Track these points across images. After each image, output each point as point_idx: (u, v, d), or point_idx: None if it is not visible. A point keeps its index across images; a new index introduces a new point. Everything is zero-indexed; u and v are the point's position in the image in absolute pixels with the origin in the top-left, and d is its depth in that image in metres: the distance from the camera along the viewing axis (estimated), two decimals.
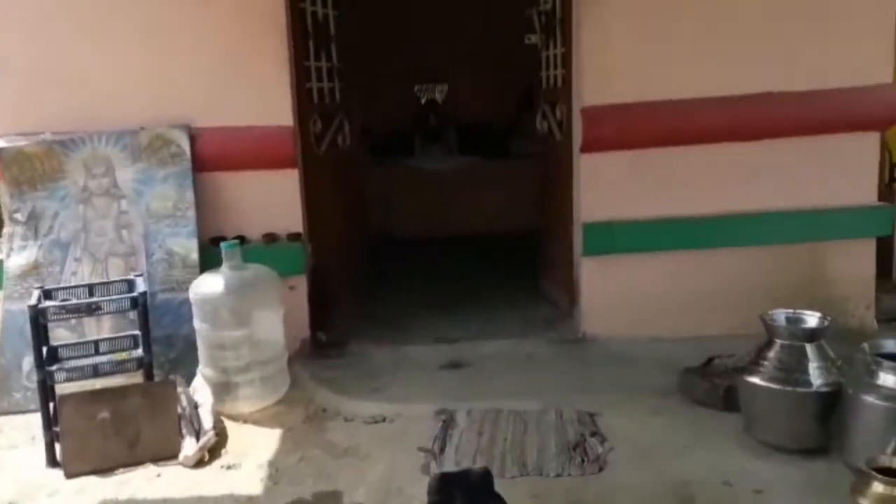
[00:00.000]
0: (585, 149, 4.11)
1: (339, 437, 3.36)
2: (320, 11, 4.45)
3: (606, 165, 4.12)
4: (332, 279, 4.42)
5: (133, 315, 3.41)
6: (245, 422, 3.52)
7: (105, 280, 3.66)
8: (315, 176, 4.27)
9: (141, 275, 3.50)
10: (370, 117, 6.23)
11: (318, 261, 4.28)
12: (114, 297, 3.28)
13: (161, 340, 3.75)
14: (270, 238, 4.07)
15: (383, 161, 6.84)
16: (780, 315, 3.13)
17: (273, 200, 4.08)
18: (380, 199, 6.28)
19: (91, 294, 3.37)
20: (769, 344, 3.08)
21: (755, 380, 3.02)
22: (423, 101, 7.43)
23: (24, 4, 3.94)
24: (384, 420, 3.49)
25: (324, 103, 4.47)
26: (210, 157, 3.97)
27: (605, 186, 4.13)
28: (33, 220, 3.88)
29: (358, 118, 5.21)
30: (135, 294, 3.28)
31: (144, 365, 3.31)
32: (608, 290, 4.21)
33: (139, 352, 3.32)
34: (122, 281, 3.47)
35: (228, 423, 3.48)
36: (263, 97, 4.00)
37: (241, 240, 3.90)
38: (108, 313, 3.36)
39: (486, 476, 1.61)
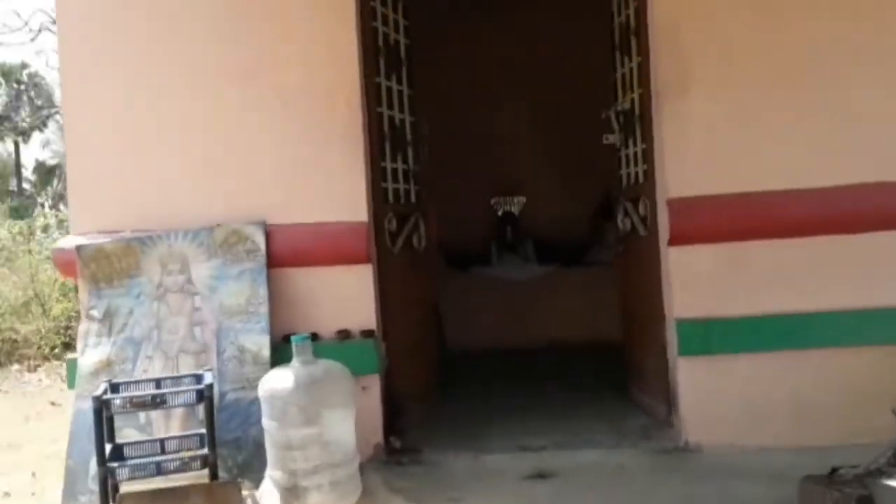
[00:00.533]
0: (674, 241, 3.89)
1: None
2: (397, 117, 4.47)
3: (697, 259, 3.89)
4: (407, 382, 4.21)
5: (202, 414, 3.25)
6: None
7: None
8: (389, 274, 4.16)
9: (210, 369, 3.37)
10: (446, 230, 6.19)
11: (392, 362, 4.10)
12: (179, 388, 3.13)
13: (230, 443, 3.57)
14: (343, 335, 3.93)
15: (458, 273, 6.73)
16: None
17: (347, 296, 3.96)
18: (455, 311, 6.11)
19: (158, 387, 3.25)
20: None
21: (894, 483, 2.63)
22: (499, 213, 7.37)
23: (108, 101, 4.05)
24: None
25: (399, 203, 4.41)
26: (284, 253, 3.91)
27: (697, 281, 3.89)
28: (108, 317, 3.84)
29: (434, 224, 5.14)
30: (201, 386, 3.13)
31: (209, 464, 3.12)
32: (709, 395, 3.87)
33: (204, 450, 3.14)
34: (190, 375, 3.35)
35: None
36: (338, 194, 3.96)
37: (314, 336, 3.76)
38: (173, 406, 3.23)
39: None
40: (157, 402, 3.14)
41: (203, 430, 3.22)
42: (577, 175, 6.78)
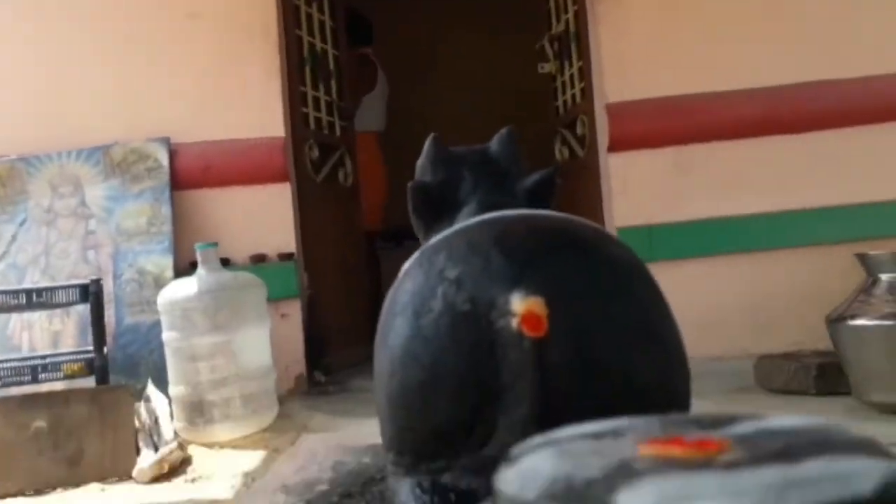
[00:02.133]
0: (613, 147, 3.65)
1: None
2: (318, 45, 4.18)
3: (638, 165, 3.65)
4: (334, 316, 3.82)
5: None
6: (221, 447, 2.81)
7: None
8: (311, 199, 3.81)
9: (98, 279, 2.93)
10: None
11: (315, 292, 3.72)
12: (61, 284, 2.71)
13: (128, 369, 3.15)
14: (259, 259, 3.54)
15: (392, 248, 6.37)
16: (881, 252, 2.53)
17: (262, 219, 3.59)
18: (388, 283, 5.73)
19: (39, 294, 2.81)
20: (872, 284, 2.45)
21: (862, 322, 2.36)
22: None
23: None
24: None
25: (322, 132, 4.09)
26: (191, 172, 3.54)
27: (639, 189, 3.64)
28: None
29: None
30: (85, 282, 2.71)
31: (96, 369, 2.68)
32: None
33: (90, 354, 2.71)
34: (74, 285, 2.90)
35: (199, 451, 2.78)
36: (251, 109, 3.63)
37: (225, 262, 3.37)
38: (55, 306, 2.79)
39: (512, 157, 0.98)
40: (34, 302, 2.70)
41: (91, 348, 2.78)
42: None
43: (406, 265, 0.75)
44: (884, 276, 2.42)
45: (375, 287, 4.77)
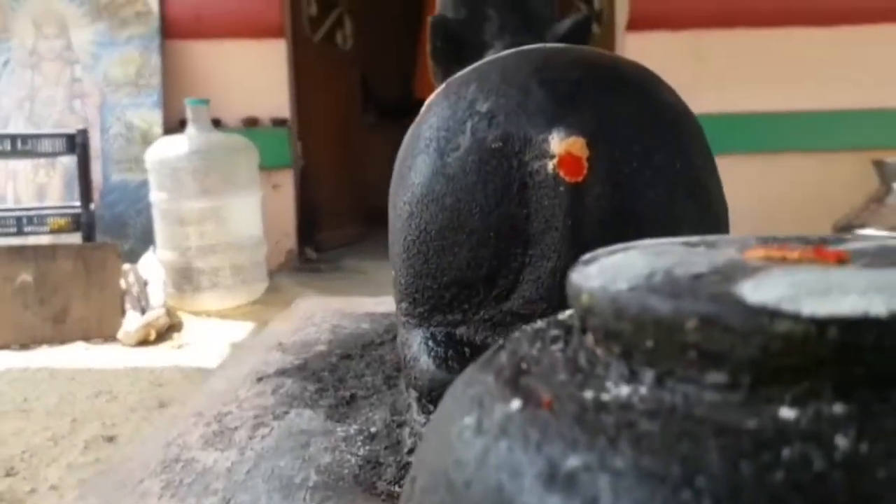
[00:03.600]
0: (633, 26, 3.46)
1: None
2: None
3: (656, 48, 3.46)
4: (327, 192, 3.73)
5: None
6: (209, 316, 2.79)
7: None
8: (308, 61, 3.63)
9: (85, 129, 2.79)
10: (379, 79, 5.65)
11: (308, 163, 3.60)
12: (45, 133, 2.58)
13: (114, 229, 3.07)
14: (251, 122, 3.40)
15: (391, 125, 6.19)
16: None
17: (255, 78, 3.42)
18: (381, 167, 5.57)
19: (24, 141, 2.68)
20: (886, 193, 2.38)
21: (870, 231, 2.29)
22: None
23: None
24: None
25: None
26: (183, 19, 3.33)
27: (656, 72, 3.46)
28: None
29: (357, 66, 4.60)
30: (71, 132, 2.58)
31: (83, 225, 2.60)
32: None
33: (77, 208, 2.62)
34: (60, 134, 2.76)
35: (187, 318, 2.75)
36: None
37: (216, 123, 3.22)
38: (39, 155, 2.67)
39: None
40: (18, 150, 2.57)
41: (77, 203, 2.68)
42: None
43: (430, 99, 0.65)
44: None
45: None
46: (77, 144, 2.56)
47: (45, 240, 2.65)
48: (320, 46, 3.80)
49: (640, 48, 3.47)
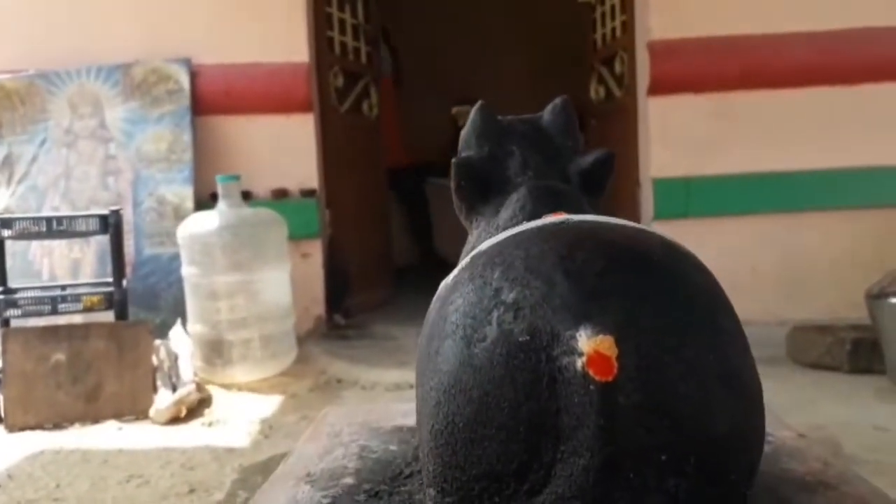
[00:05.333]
0: (654, 90, 3.48)
1: (353, 402, 2.63)
2: None
3: (679, 111, 3.49)
4: (356, 257, 3.75)
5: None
6: (239, 390, 2.80)
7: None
8: (335, 132, 3.69)
9: (118, 209, 2.84)
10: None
11: (337, 231, 3.64)
12: (80, 214, 2.65)
13: (146, 302, 3.12)
14: (280, 194, 3.46)
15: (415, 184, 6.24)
16: None
17: (284, 150, 3.48)
18: (408, 225, 5.60)
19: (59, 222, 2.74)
20: None
21: None
22: (460, 124, 6.86)
23: None
24: (412, 388, 2.74)
25: (347, 59, 3.93)
26: (213, 96, 3.42)
27: (678, 136, 3.48)
28: (8, 165, 3.32)
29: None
30: (105, 212, 2.64)
31: (115, 303, 2.64)
32: None
33: (110, 287, 2.66)
34: (94, 215, 2.81)
35: (217, 391, 2.77)
36: (275, 31, 3.48)
37: (246, 195, 3.28)
38: (74, 235, 2.73)
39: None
40: (54, 231, 2.63)
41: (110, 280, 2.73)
42: (543, 77, 6.33)
43: (453, 274, 0.66)
44: None
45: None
46: (110, 224, 2.62)
47: (78, 318, 2.70)
48: (347, 117, 3.87)
49: (663, 111, 3.50)
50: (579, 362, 0.51)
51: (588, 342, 0.51)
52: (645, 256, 0.59)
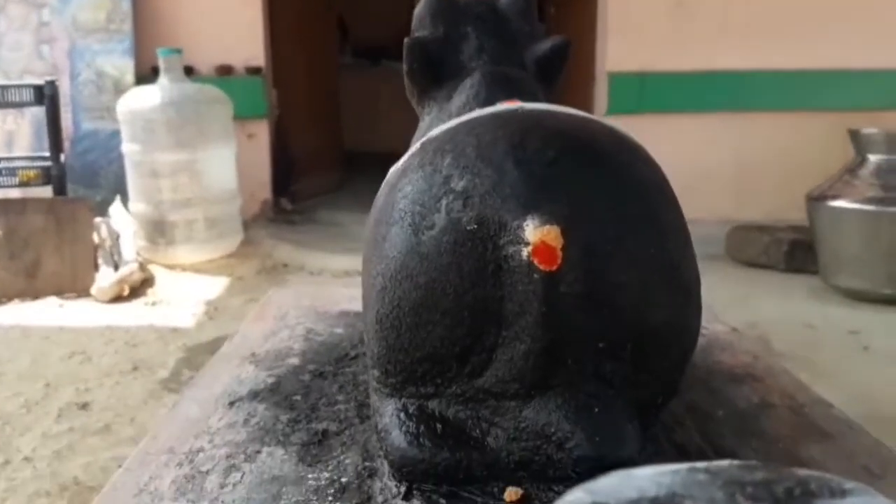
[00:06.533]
0: None
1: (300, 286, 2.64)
2: None
3: (640, 2, 3.42)
4: (303, 140, 3.68)
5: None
6: (183, 270, 2.78)
7: None
8: (283, 8, 3.53)
9: (54, 80, 2.71)
10: (354, 18, 5.53)
11: (284, 113, 3.55)
12: (13, 83, 2.52)
13: (85, 179, 3.03)
14: (225, 70, 3.33)
15: (367, 66, 6.07)
16: (874, 130, 2.44)
17: (230, 23, 3.33)
18: (359, 108, 5.48)
19: None
20: (860, 164, 2.39)
21: (842, 203, 2.32)
22: (415, 3, 6.63)
23: None
24: (359, 274, 2.75)
25: None
26: None
27: (637, 30, 3.42)
28: None
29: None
30: (39, 83, 2.52)
31: (53, 178, 2.56)
32: None
33: (47, 162, 2.57)
34: (28, 85, 2.68)
35: (161, 272, 2.74)
36: None
37: (188, 71, 3.14)
38: (6, 105, 2.60)
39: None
40: None
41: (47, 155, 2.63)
42: None
43: (403, 160, 0.65)
44: (872, 157, 2.36)
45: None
46: (45, 96, 2.50)
47: (14, 193, 2.61)
48: None
49: (623, 2, 3.43)
50: (525, 251, 0.51)
51: (535, 232, 0.51)
52: (595, 148, 0.59)
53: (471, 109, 0.73)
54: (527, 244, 0.51)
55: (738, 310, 2.27)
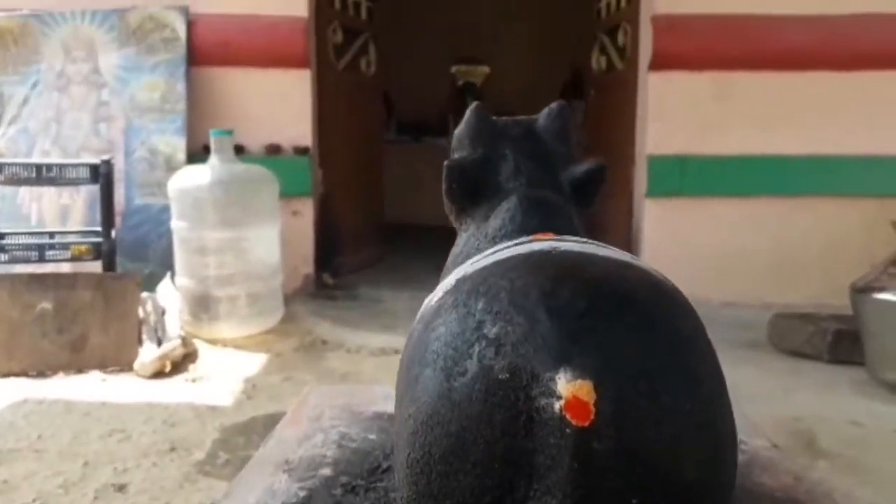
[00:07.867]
0: (656, 66, 3.45)
1: (337, 364, 2.67)
2: None
3: (679, 87, 3.46)
4: (346, 217, 3.73)
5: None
6: (225, 346, 2.81)
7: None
8: (331, 89, 3.65)
9: (110, 159, 2.81)
10: (398, 95, 5.68)
11: (329, 190, 3.62)
12: (70, 162, 2.62)
13: (135, 252, 3.11)
14: (273, 150, 3.43)
15: (409, 142, 6.19)
16: None
17: (279, 106, 3.45)
18: (401, 182, 5.55)
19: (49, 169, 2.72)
20: None
21: (889, 297, 2.28)
22: (459, 83, 6.79)
23: None
24: (397, 353, 2.76)
25: (347, 14, 3.87)
26: (209, 47, 3.37)
27: (676, 113, 3.46)
28: None
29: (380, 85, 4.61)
30: (95, 162, 2.62)
31: (104, 253, 2.64)
32: (675, 241, 3.46)
33: (98, 238, 2.65)
34: (84, 164, 2.79)
35: (203, 346, 2.78)
36: None
37: (239, 150, 3.24)
38: (64, 183, 2.72)
39: (560, 116, 0.86)
40: (43, 178, 2.62)
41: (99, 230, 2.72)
42: (547, 43, 6.26)
43: (437, 296, 0.66)
44: None
45: None
46: (101, 174, 2.60)
47: (65, 267, 2.69)
48: (344, 74, 3.82)
49: (663, 87, 3.47)
50: (557, 405, 0.51)
51: (567, 386, 0.51)
52: (628, 297, 0.59)
53: (506, 233, 0.75)
54: (559, 398, 0.51)
55: (781, 403, 2.23)
